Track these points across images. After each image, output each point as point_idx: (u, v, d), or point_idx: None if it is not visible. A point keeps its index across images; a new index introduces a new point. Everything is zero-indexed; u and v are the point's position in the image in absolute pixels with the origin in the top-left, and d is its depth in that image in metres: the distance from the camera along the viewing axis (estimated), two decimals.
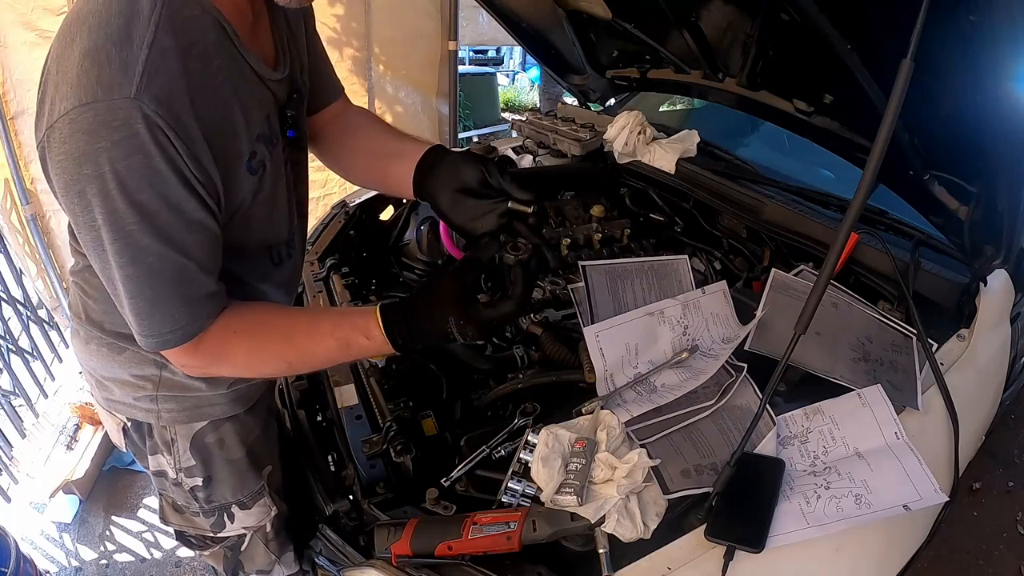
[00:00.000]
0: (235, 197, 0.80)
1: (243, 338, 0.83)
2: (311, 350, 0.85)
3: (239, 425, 1.04)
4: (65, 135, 0.65)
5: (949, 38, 0.88)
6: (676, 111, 2.75)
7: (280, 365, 0.89)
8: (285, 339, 0.85)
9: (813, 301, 0.77)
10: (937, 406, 1.06)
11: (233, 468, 1.04)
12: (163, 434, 1.00)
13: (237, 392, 1.01)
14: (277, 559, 1.17)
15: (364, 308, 0.85)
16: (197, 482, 1.03)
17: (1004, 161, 1.04)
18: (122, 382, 0.97)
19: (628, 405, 1.02)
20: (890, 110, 0.70)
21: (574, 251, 1.62)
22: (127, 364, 0.95)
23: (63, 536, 2.13)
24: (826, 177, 1.96)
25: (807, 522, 0.85)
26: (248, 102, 0.79)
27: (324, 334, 0.84)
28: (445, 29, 3.35)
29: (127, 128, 0.64)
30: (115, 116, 0.64)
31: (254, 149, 0.80)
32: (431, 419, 1.19)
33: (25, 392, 2.35)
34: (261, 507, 1.09)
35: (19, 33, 2.17)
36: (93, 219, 0.68)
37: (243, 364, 0.87)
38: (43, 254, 2.40)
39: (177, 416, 0.98)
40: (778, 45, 1.45)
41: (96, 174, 0.65)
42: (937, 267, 1.30)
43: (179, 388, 0.96)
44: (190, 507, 1.07)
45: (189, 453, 1.01)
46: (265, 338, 0.85)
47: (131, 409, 0.99)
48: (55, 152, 0.66)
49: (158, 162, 0.67)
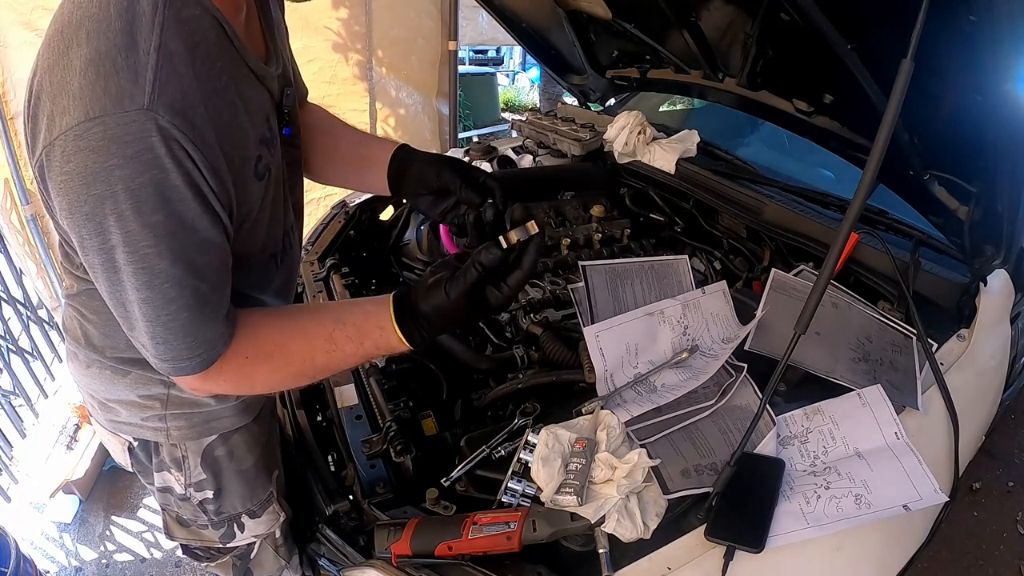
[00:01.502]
0: (244, 206, 0.77)
1: (256, 361, 0.80)
2: (329, 362, 0.82)
3: (247, 435, 1.02)
4: (70, 153, 0.60)
5: (949, 38, 0.88)
6: (676, 111, 2.75)
7: (300, 380, 0.87)
8: (301, 354, 0.81)
9: (813, 301, 0.77)
10: (937, 406, 1.06)
11: (243, 478, 1.03)
12: (172, 451, 0.98)
13: (244, 403, 1.00)
14: (286, 564, 1.16)
15: (376, 310, 0.82)
16: (207, 495, 1.01)
17: (1004, 161, 1.03)
18: (128, 403, 0.94)
19: (628, 405, 1.02)
20: (890, 110, 0.70)
21: (574, 251, 1.62)
22: (132, 385, 0.92)
23: (63, 536, 2.13)
24: (826, 177, 1.96)
25: (807, 522, 0.85)
26: (251, 104, 0.76)
27: (340, 339, 0.81)
28: (445, 29, 3.35)
29: (141, 143, 0.60)
30: (127, 130, 0.59)
31: (259, 153, 0.77)
32: (431, 419, 1.19)
33: (25, 392, 2.35)
34: (270, 515, 1.09)
35: (19, 33, 2.17)
36: (105, 241, 0.63)
37: (261, 384, 0.84)
38: (43, 254, 2.40)
39: (187, 433, 0.96)
40: (778, 45, 1.45)
41: (108, 194, 0.60)
42: (937, 267, 1.30)
43: (188, 405, 0.94)
44: (197, 520, 1.05)
45: (200, 468, 0.99)
46: (280, 356, 0.81)
47: (138, 429, 0.97)
48: (58, 172, 0.61)
49: (175, 178, 0.63)
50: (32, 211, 2.34)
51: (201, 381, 0.77)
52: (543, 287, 1.47)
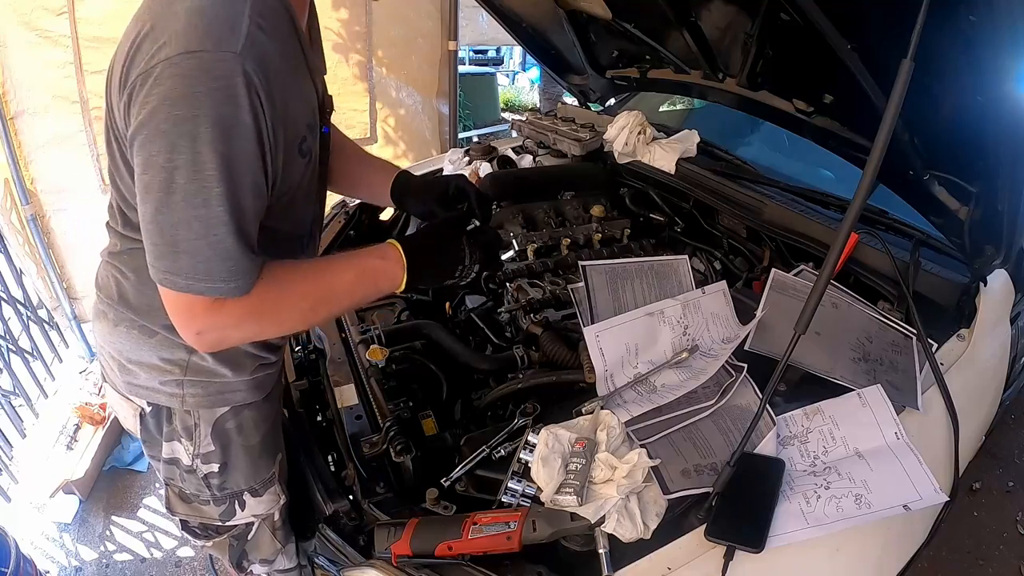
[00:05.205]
0: (286, 181, 0.84)
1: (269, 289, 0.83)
2: (333, 286, 0.89)
3: (257, 412, 1.05)
4: (162, 77, 0.68)
5: (949, 38, 0.88)
6: (676, 111, 2.75)
7: (305, 312, 0.89)
8: (309, 281, 0.87)
9: (813, 301, 0.77)
10: (937, 406, 1.06)
11: (249, 455, 1.06)
12: (185, 419, 1.01)
13: (257, 380, 1.03)
14: (282, 548, 1.17)
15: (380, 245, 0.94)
16: (213, 468, 1.04)
17: (1004, 161, 1.04)
18: (149, 366, 0.98)
19: (628, 405, 1.02)
20: (890, 110, 0.70)
21: (574, 251, 1.62)
22: (157, 347, 0.96)
23: (63, 536, 2.13)
24: (826, 177, 1.96)
25: (807, 522, 0.85)
26: (305, 91, 0.86)
27: (342, 268, 0.91)
28: (445, 29, 3.35)
29: (227, 79, 0.69)
30: (218, 67, 0.68)
31: (305, 135, 0.86)
32: (431, 419, 1.19)
33: (25, 392, 2.35)
34: (271, 495, 1.10)
35: (19, 33, 2.17)
36: (171, 160, 0.70)
37: (269, 320, 0.86)
38: (43, 254, 2.40)
39: (201, 401, 0.99)
40: (778, 45, 1.45)
41: (189, 116, 0.68)
42: (937, 267, 1.30)
43: (206, 373, 0.98)
44: (200, 495, 1.07)
45: (210, 438, 1.02)
46: (288, 286, 0.85)
47: (154, 393, 1.00)
48: (145, 94, 0.69)
49: (246, 116, 0.71)
50: (32, 211, 2.34)
51: (223, 312, 0.79)
52: (543, 287, 1.47)
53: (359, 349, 1.35)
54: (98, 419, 2.33)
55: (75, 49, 2.27)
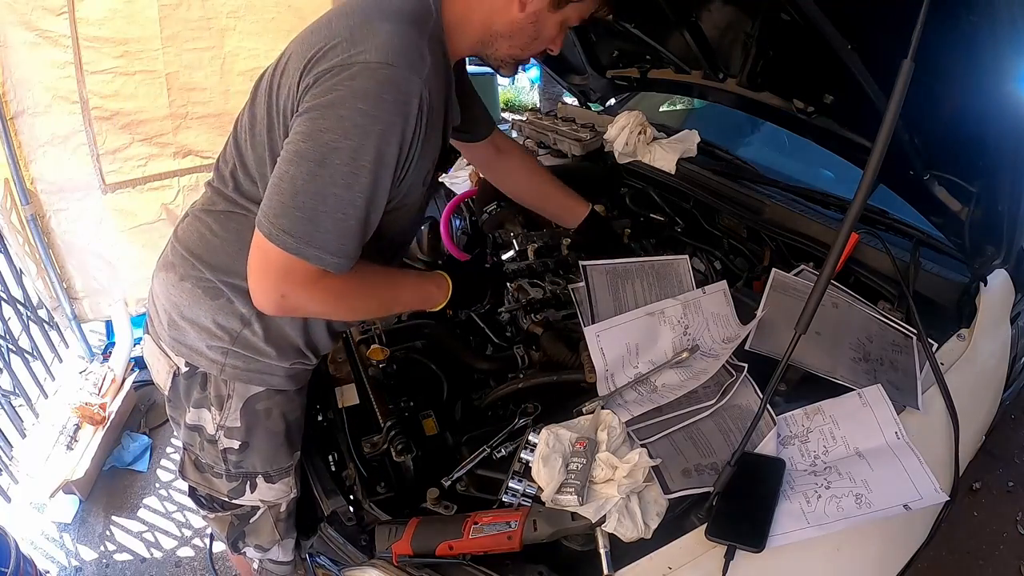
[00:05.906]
0: (406, 197, 0.96)
1: (355, 279, 0.93)
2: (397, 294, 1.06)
3: (287, 401, 1.07)
4: (357, 73, 0.79)
5: (949, 38, 0.88)
6: (676, 111, 2.75)
7: (370, 307, 1.04)
8: (382, 284, 1.02)
9: (813, 301, 0.77)
10: (937, 406, 1.06)
11: (272, 441, 1.07)
12: (220, 388, 1.03)
13: (295, 370, 1.06)
14: (280, 540, 1.18)
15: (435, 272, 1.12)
16: (234, 444, 1.05)
17: (1004, 161, 1.04)
18: (201, 327, 1.00)
19: (628, 405, 1.02)
20: (890, 110, 0.70)
21: (574, 251, 1.62)
22: (216, 310, 0.99)
23: (63, 536, 2.13)
24: (826, 177, 1.96)
25: (807, 522, 0.85)
26: (440, 136, 0.99)
27: (406, 283, 1.09)
28: None
29: (408, 96, 0.81)
30: (407, 86, 0.81)
31: (430, 167, 0.99)
32: (432, 419, 1.19)
33: (25, 392, 2.34)
34: (284, 485, 1.11)
35: (19, 33, 2.16)
36: (336, 140, 0.79)
37: (345, 305, 0.97)
38: (43, 254, 2.40)
39: (239, 374, 1.02)
40: (778, 45, 1.45)
41: (370, 113, 0.79)
42: (937, 267, 1.30)
43: (252, 349, 1.01)
44: (215, 467, 1.09)
45: (239, 413, 1.03)
46: (369, 282, 0.98)
47: (197, 355, 1.02)
48: (336, 81, 0.80)
49: (409, 132, 0.83)
50: (32, 211, 2.34)
51: (315, 284, 0.87)
52: (543, 287, 1.47)
53: (360, 348, 1.35)
54: (98, 419, 2.32)
55: (75, 49, 2.26)
